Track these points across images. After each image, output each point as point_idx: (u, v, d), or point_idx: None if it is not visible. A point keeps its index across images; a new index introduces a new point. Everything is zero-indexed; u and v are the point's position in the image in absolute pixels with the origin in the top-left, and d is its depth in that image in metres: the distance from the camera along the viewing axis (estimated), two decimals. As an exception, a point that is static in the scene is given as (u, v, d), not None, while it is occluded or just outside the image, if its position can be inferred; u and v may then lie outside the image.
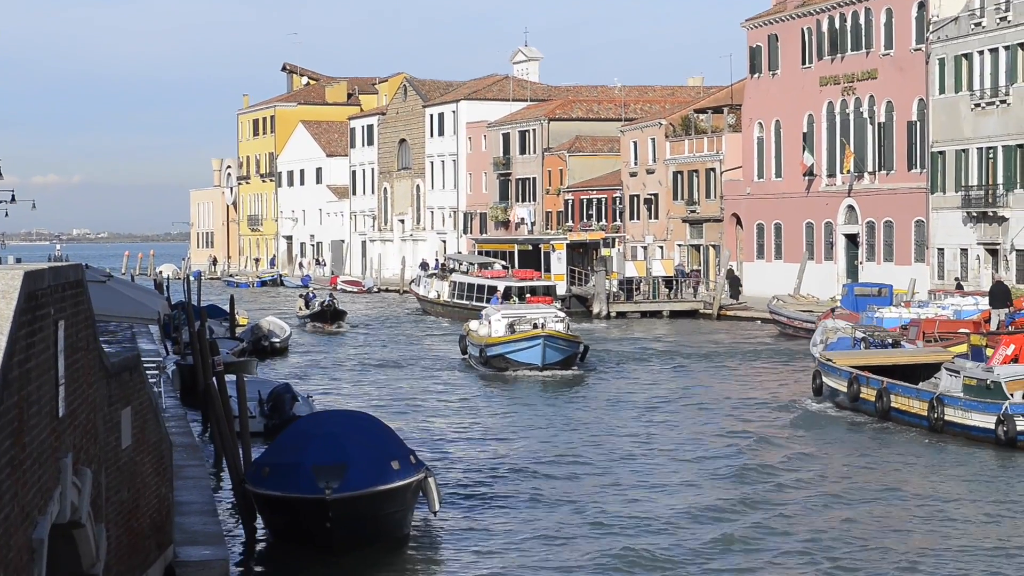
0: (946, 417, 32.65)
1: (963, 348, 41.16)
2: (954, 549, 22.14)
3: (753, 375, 48.01)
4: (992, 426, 31.09)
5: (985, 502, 25.76)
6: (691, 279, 79.21)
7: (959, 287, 61.34)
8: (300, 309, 74.80)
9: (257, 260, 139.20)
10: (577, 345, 48.86)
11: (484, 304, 72.90)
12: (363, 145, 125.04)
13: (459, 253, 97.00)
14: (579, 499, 26.03)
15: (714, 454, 31.33)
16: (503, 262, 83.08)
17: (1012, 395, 31.22)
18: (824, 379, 38.61)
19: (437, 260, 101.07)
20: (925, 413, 33.33)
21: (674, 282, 77.82)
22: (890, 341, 41.93)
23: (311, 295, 77.29)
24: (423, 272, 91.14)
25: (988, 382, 31.88)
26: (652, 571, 20.86)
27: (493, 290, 72.42)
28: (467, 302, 74.90)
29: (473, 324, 52.73)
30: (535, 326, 49.11)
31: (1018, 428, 30.58)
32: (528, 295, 69.44)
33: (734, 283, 76.63)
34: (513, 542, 22.60)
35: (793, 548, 22.23)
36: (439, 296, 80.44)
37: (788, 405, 39.13)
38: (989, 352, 42.25)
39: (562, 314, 51.88)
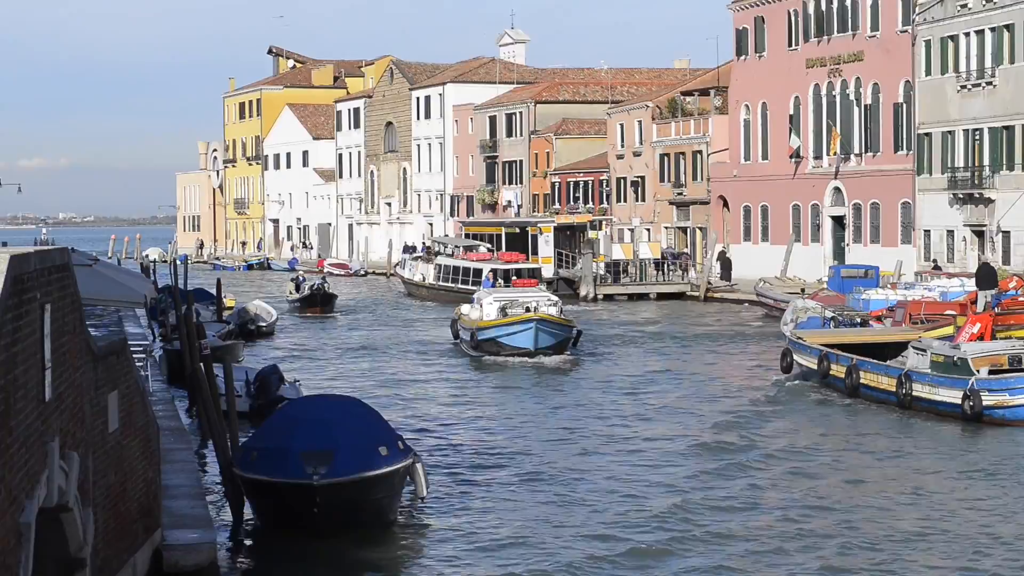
0: (914, 393, 33.54)
1: (950, 330, 41.52)
2: (924, 521, 22.65)
3: (737, 357, 48.05)
4: (959, 401, 32.03)
5: (955, 475, 26.46)
6: (682, 261, 79.15)
7: (936, 267, 61.52)
8: (290, 293, 73.60)
9: (244, 243, 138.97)
10: (570, 329, 47.94)
11: (470, 287, 73.18)
12: (349, 128, 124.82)
13: (444, 236, 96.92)
14: (567, 482, 26.04)
15: (689, 433, 31.65)
16: (488, 245, 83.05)
17: (978, 371, 32.23)
18: (795, 357, 39.74)
19: (424, 243, 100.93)
20: (894, 389, 34.26)
21: (664, 264, 77.82)
22: (859, 320, 43.18)
23: (301, 279, 75.89)
24: (408, 255, 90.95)
25: (955, 359, 32.90)
26: (641, 556, 20.90)
27: (479, 273, 72.61)
28: (453, 285, 75.14)
29: (464, 308, 51.85)
30: (527, 310, 48.04)
31: (984, 403, 31.50)
32: (514, 277, 69.14)
33: (726, 265, 76.71)
34: (501, 527, 22.60)
35: (763, 523, 22.60)
36: (424, 279, 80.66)
37: (760, 383, 39.92)
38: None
39: (555, 298, 50.68)
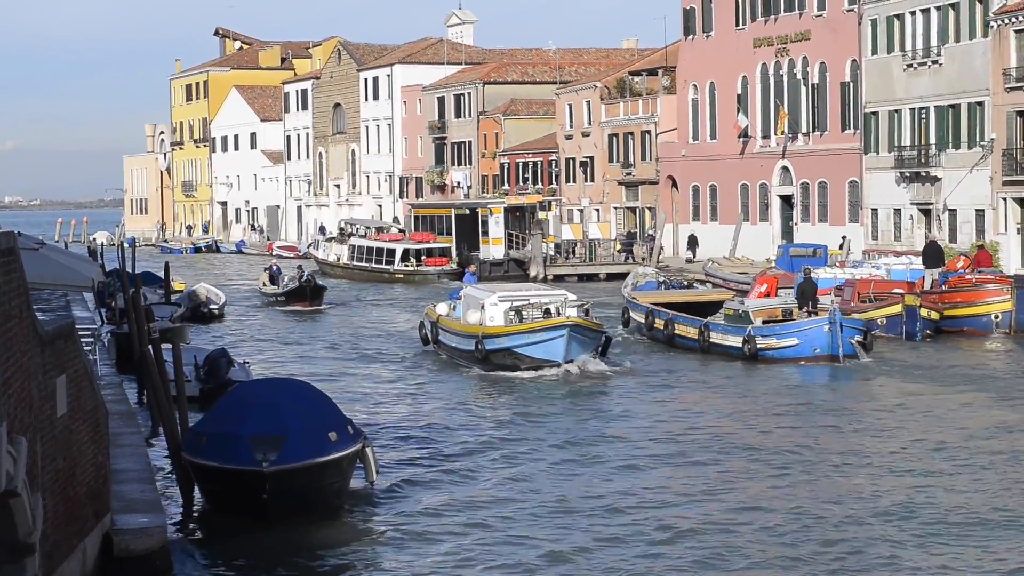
0: (711, 339, 41.48)
1: (898, 308, 42.22)
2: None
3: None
4: (740, 344, 40.05)
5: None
6: (647, 243, 78.75)
7: (842, 246, 63.47)
8: (264, 285, 67.35)
9: (190, 227, 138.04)
10: (600, 335, 39.74)
11: (383, 266, 79.45)
12: (297, 110, 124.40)
13: (353, 218, 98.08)
14: (519, 466, 26.06)
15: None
16: (400, 226, 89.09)
17: (755, 321, 40.30)
18: (631, 314, 47.43)
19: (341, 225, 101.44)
20: (697, 337, 42.00)
21: (627, 247, 78.14)
22: (685, 283, 52.27)
23: (275, 268, 68.99)
24: (322, 236, 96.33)
25: (740, 312, 41.14)
26: (599, 544, 21.00)
27: (392, 252, 79.69)
28: (366, 265, 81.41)
29: (441, 308, 44.05)
30: (547, 312, 39.41)
31: (758, 345, 39.61)
32: (425, 257, 78.46)
33: (693, 243, 77.04)
34: (450, 512, 22.56)
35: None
36: (339, 259, 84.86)
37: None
38: (923, 312, 43.26)
39: (572, 295, 40.90)
